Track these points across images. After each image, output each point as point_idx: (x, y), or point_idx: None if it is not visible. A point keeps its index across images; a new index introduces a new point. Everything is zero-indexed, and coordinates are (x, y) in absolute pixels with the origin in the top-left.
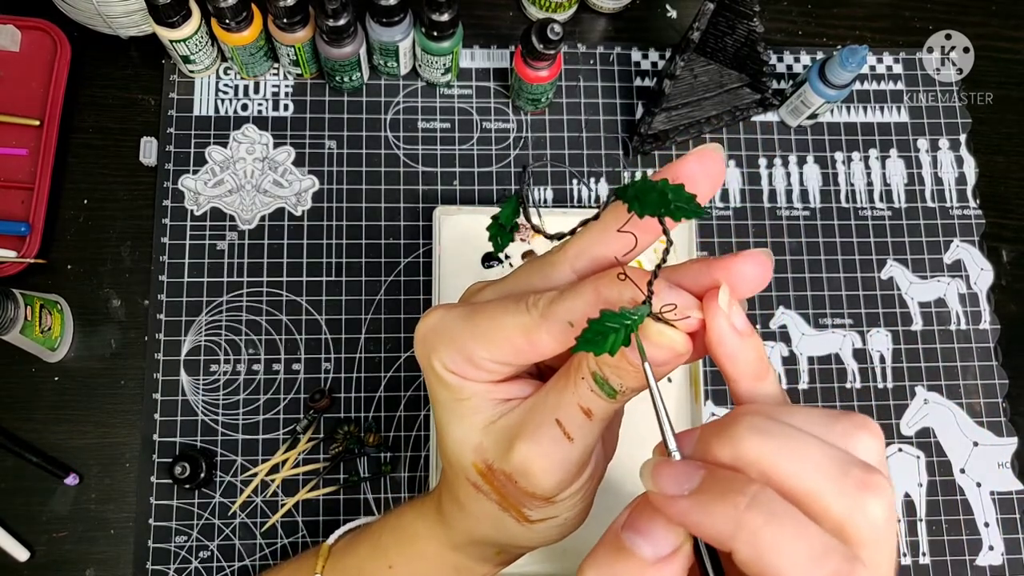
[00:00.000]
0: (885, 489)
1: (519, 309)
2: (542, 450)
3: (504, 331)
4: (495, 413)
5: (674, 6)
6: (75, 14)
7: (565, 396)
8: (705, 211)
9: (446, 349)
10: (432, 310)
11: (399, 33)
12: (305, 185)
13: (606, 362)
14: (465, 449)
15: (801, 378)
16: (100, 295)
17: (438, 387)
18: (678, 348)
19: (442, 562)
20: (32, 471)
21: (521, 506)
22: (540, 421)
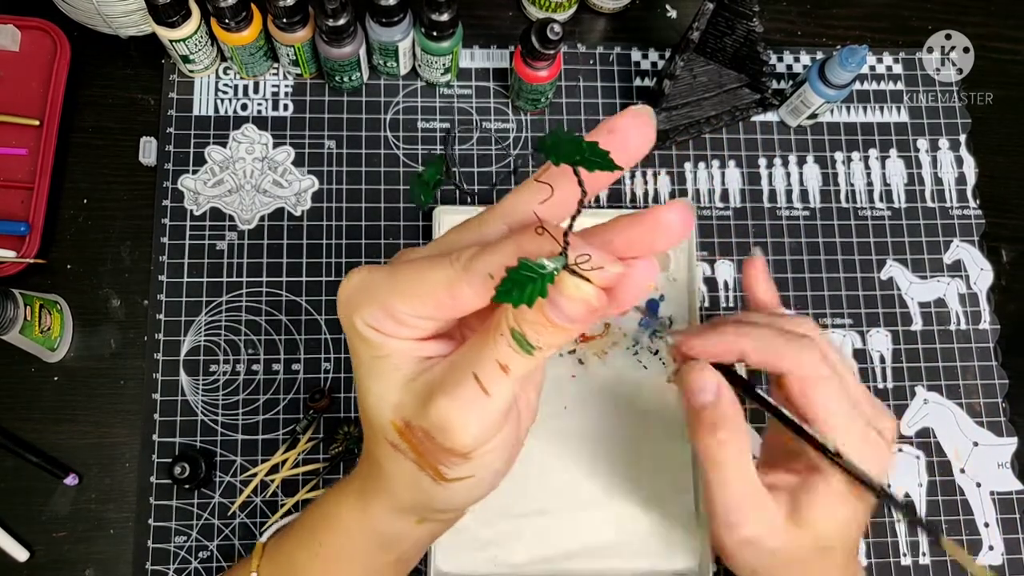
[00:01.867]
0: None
1: (443, 263)
2: (459, 404)
3: (427, 285)
4: (415, 371)
5: (674, 6)
6: (75, 14)
7: (484, 352)
8: (617, 167)
9: (368, 306)
10: (355, 270)
11: (399, 33)
12: (305, 185)
13: (524, 318)
14: (384, 407)
15: None
16: (100, 295)
17: (359, 345)
18: (591, 301)
19: (365, 537)
20: (32, 471)
21: (438, 463)
22: (459, 377)
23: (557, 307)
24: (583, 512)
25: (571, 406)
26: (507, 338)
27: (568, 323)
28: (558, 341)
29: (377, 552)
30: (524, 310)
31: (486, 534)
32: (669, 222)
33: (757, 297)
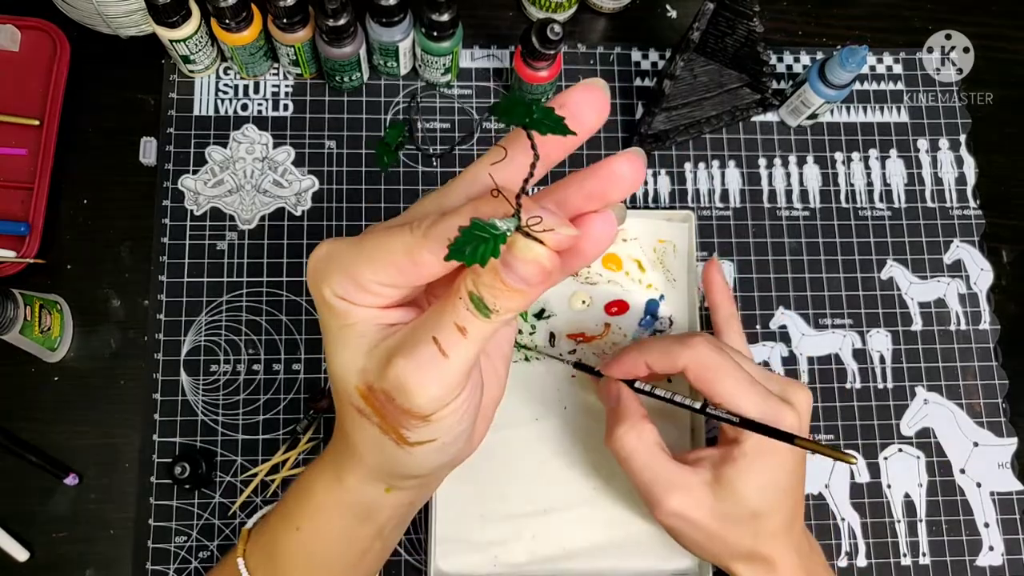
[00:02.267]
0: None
1: (403, 231)
2: (416, 364)
3: (389, 253)
4: (379, 337)
5: (674, 6)
6: (75, 14)
7: (444, 316)
8: (569, 131)
9: (335, 275)
10: (323, 242)
11: (399, 33)
12: (305, 185)
13: (480, 281)
14: (350, 373)
15: (801, 378)
16: (100, 295)
17: (327, 315)
18: (543, 263)
19: (340, 509)
20: (32, 471)
21: (400, 426)
22: (418, 339)
23: (510, 268)
24: (583, 512)
25: (571, 406)
26: (465, 301)
27: (522, 285)
28: (514, 304)
29: (355, 524)
30: (479, 272)
31: (486, 534)
32: (621, 172)
33: (712, 298)
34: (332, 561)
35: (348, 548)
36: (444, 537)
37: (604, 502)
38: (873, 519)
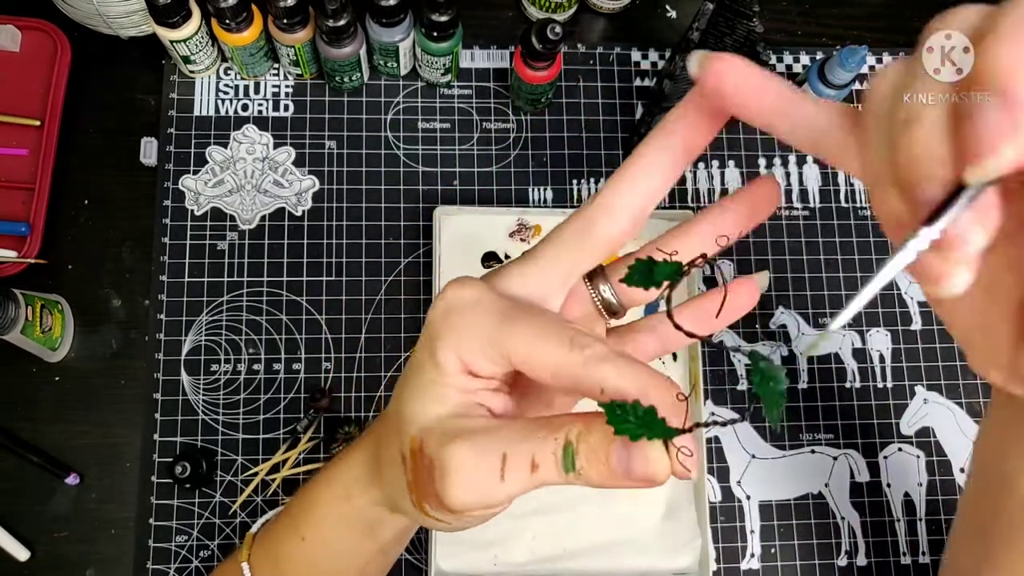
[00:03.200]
0: None
1: (562, 343)
2: (472, 467)
3: (537, 356)
4: (460, 409)
5: (674, 6)
6: (75, 14)
7: (528, 442)
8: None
9: (469, 340)
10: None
11: (399, 33)
12: (305, 185)
13: (588, 442)
14: (414, 420)
15: (801, 378)
16: (100, 295)
17: (429, 362)
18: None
19: (344, 524)
20: (32, 471)
21: (423, 498)
22: (489, 444)
23: (626, 457)
24: (583, 511)
25: None
26: (559, 443)
27: (621, 474)
28: (599, 480)
29: (359, 539)
30: (592, 429)
31: (486, 534)
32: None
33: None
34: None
35: (351, 560)
36: (444, 537)
37: (604, 502)
38: (873, 518)
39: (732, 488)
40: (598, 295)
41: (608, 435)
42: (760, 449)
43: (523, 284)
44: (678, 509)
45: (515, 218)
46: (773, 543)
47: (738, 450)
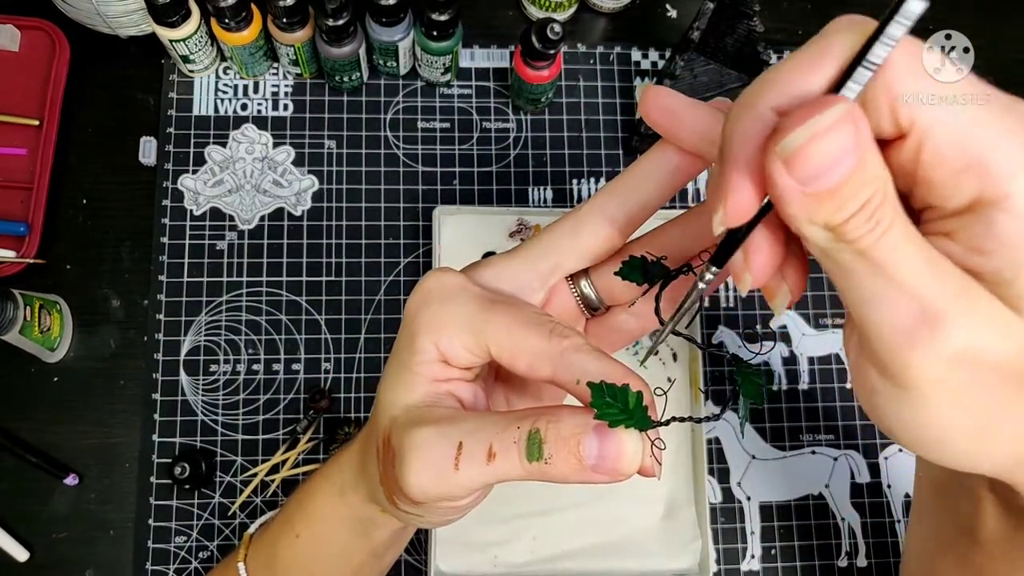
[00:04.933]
0: None
1: (541, 333)
2: (425, 452)
3: (516, 348)
4: (428, 399)
5: (674, 6)
6: (74, 14)
7: (486, 429)
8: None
9: (449, 328)
10: (449, 274)
11: (399, 33)
12: (305, 185)
13: (559, 430)
14: (388, 411)
15: (801, 378)
16: (99, 295)
17: (407, 349)
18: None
19: (336, 522)
20: (32, 471)
21: (390, 491)
22: (449, 433)
23: (596, 446)
24: (583, 512)
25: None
26: (522, 431)
27: (587, 465)
28: (567, 471)
29: (351, 537)
30: (561, 418)
31: (486, 534)
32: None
33: None
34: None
35: (344, 559)
36: (444, 537)
37: (604, 502)
38: (873, 519)
39: (732, 489)
40: (578, 291)
41: (579, 425)
42: (760, 450)
43: (504, 277)
44: (678, 510)
45: (515, 218)
46: (773, 544)
47: (738, 451)
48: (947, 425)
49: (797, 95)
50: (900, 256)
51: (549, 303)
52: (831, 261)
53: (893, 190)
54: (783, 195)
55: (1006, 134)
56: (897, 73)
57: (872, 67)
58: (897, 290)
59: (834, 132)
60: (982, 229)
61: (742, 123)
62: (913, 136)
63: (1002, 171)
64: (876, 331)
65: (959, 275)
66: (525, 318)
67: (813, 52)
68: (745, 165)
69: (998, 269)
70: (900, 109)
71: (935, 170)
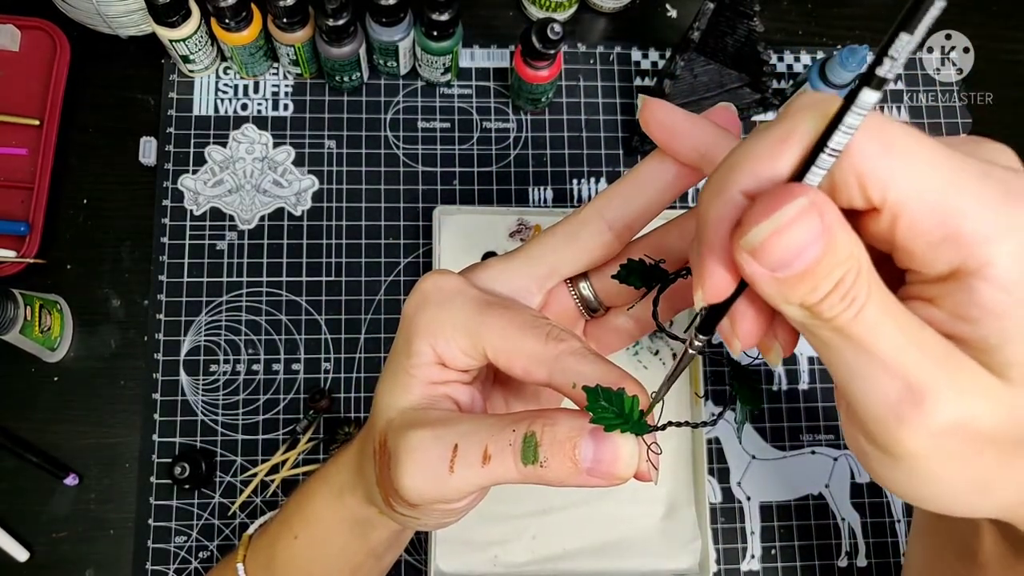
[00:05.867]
0: None
1: (538, 337)
2: (421, 456)
3: (512, 351)
4: (425, 401)
5: (674, 6)
6: (75, 14)
7: (482, 431)
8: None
9: (446, 331)
10: (446, 276)
11: (399, 33)
12: (305, 185)
13: (554, 433)
14: (384, 413)
15: (801, 378)
16: (100, 295)
17: (403, 353)
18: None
19: (335, 523)
20: (32, 471)
21: (386, 493)
22: (444, 435)
23: (591, 450)
24: (583, 512)
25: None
26: (517, 434)
27: (583, 469)
28: (563, 475)
29: (350, 539)
30: (557, 421)
31: (486, 534)
32: None
33: None
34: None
35: (343, 560)
36: (444, 537)
37: (604, 502)
38: (873, 519)
39: (732, 489)
40: (577, 293)
41: (575, 428)
42: (760, 450)
43: (502, 280)
44: (678, 509)
45: (515, 218)
46: (773, 544)
47: (738, 451)
48: (941, 487)
49: (765, 179)
50: (879, 332)
51: (548, 305)
52: (812, 337)
53: (868, 265)
54: (754, 280)
55: (983, 202)
56: (863, 154)
57: (834, 154)
58: (879, 366)
59: (797, 224)
60: (964, 297)
61: (713, 208)
62: (887, 211)
63: (980, 240)
64: (862, 405)
65: (942, 345)
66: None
67: (778, 135)
68: (718, 250)
69: (983, 337)
70: (869, 187)
71: (912, 241)
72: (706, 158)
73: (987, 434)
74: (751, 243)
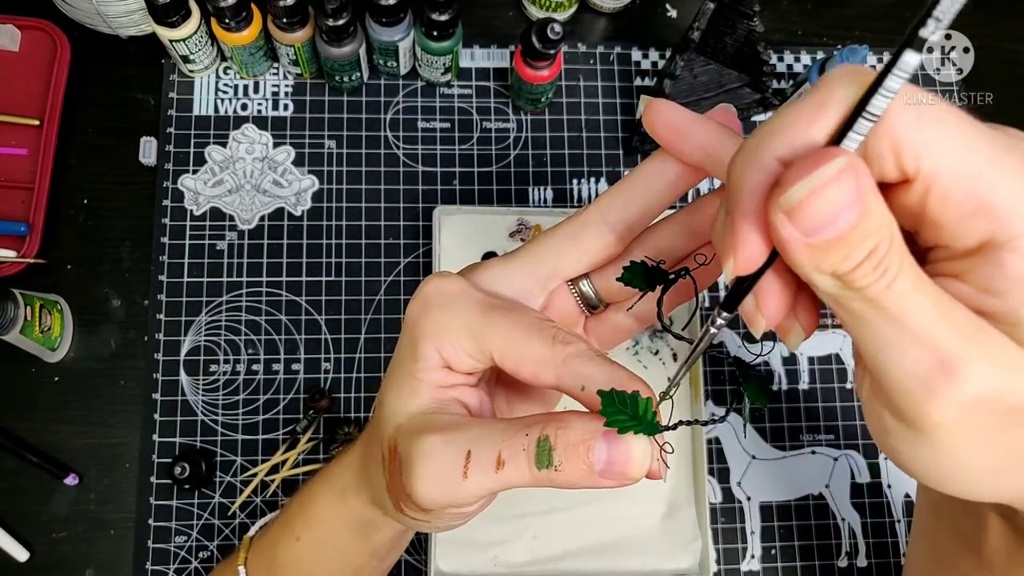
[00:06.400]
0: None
1: (544, 339)
2: (434, 462)
3: (519, 354)
4: (435, 405)
5: (674, 6)
6: (75, 14)
7: (496, 437)
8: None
9: (450, 333)
10: (449, 279)
11: (399, 33)
12: (305, 185)
13: (567, 436)
14: (392, 419)
15: (801, 378)
16: (100, 295)
17: (408, 358)
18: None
19: (337, 525)
20: (32, 471)
21: (398, 498)
22: (457, 441)
23: (605, 452)
24: (584, 512)
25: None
26: (531, 438)
27: (596, 471)
28: (572, 475)
29: (352, 540)
30: (569, 424)
31: (486, 534)
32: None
33: None
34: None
35: (344, 562)
36: (444, 537)
37: (604, 502)
38: (873, 519)
39: (732, 489)
40: (577, 290)
41: (588, 431)
42: (760, 450)
43: (504, 281)
44: (678, 509)
45: (515, 218)
46: (773, 544)
47: (738, 451)
48: (965, 464)
49: (800, 145)
50: (911, 303)
51: (549, 304)
52: (842, 308)
53: (900, 236)
54: (788, 246)
55: (1012, 174)
56: (898, 122)
57: (872, 118)
58: (911, 338)
59: (835, 185)
60: (993, 270)
61: (747, 174)
62: (919, 181)
63: (1010, 212)
64: (891, 378)
65: (972, 319)
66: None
67: (814, 102)
68: (752, 216)
69: (1012, 310)
70: (904, 156)
71: (943, 213)
72: (711, 158)
73: (1014, 407)
74: (789, 202)
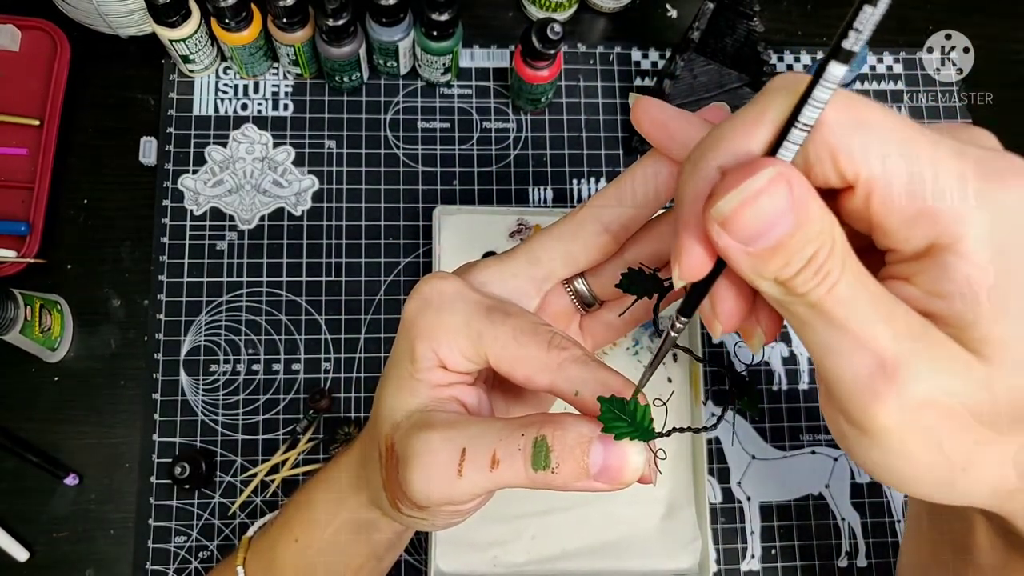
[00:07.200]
0: None
1: (540, 345)
2: (430, 459)
3: (515, 358)
4: (431, 404)
5: (674, 6)
6: (75, 14)
7: (491, 435)
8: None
9: (448, 334)
10: (446, 279)
11: (399, 33)
12: (305, 185)
13: (564, 439)
14: (389, 418)
15: (801, 378)
16: (100, 295)
17: (405, 358)
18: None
19: (336, 526)
20: (32, 471)
21: (394, 496)
22: (453, 438)
23: (602, 456)
24: (583, 512)
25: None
26: (527, 439)
27: (591, 474)
28: (568, 477)
29: (351, 541)
30: (566, 427)
31: (486, 534)
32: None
33: None
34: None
35: (344, 562)
36: (444, 537)
37: (604, 502)
38: (873, 519)
39: (732, 489)
40: (572, 289)
41: (584, 434)
42: (760, 450)
43: (499, 282)
44: (678, 510)
45: (515, 218)
46: (773, 544)
47: (738, 451)
48: (918, 466)
49: (740, 154)
50: (852, 307)
51: (545, 303)
52: (788, 313)
53: (843, 241)
54: (727, 254)
55: (956, 178)
56: (835, 129)
57: (804, 128)
58: (852, 341)
59: (766, 195)
60: (939, 273)
61: (690, 183)
62: (860, 187)
63: (953, 216)
64: (838, 382)
65: (916, 321)
66: (524, 327)
67: (753, 112)
68: (695, 225)
69: (957, 312)
70: (842, 164)
71: (887, 218)
72: None
73: (962, 411)
74: (721, 213)
